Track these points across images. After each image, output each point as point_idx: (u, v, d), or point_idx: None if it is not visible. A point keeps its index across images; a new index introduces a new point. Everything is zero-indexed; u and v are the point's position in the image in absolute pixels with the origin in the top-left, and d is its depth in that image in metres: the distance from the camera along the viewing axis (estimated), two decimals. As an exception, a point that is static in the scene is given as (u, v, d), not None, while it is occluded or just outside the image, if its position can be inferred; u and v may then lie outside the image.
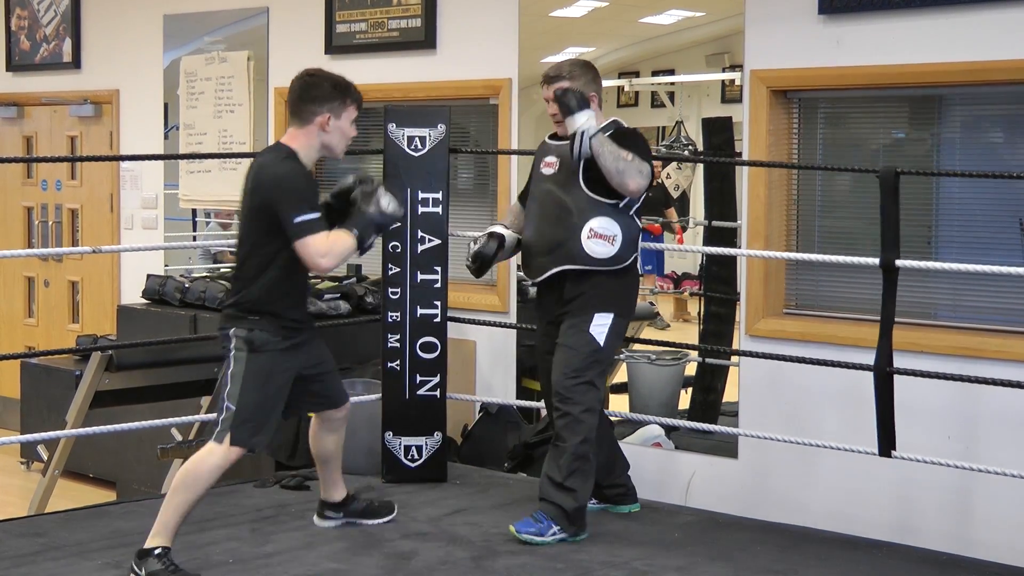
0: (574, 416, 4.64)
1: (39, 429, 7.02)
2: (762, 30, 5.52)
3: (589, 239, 4.68)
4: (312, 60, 7.17)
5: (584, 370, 4.67)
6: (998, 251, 5.12)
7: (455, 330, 6.01)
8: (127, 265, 8.34)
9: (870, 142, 5.57)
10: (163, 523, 4.20)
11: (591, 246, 4.68)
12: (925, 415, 5.04)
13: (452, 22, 6.66)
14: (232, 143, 7.64)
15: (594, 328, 4.69)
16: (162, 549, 4.17)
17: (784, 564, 4.53)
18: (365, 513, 4.89)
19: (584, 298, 4.73)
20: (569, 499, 4.66)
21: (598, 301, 4.71)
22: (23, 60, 8.96)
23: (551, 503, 4.68)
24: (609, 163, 4.59)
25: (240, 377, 4.31)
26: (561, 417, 4.68)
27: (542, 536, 4.64)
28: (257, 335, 4.33)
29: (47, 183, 9.00)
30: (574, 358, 4.68)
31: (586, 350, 4.68)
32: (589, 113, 4.65)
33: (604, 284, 4.71)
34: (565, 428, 4.66)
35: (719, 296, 6.10)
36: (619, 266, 4.72)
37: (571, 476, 4.65)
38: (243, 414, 4.28)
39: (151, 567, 4.15)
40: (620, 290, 4.77)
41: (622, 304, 4.78)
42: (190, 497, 4.22)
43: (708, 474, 5.70)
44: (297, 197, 4.24)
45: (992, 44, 4.93)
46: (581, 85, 4.74)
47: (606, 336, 4.70)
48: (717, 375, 6.10)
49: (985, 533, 4.96)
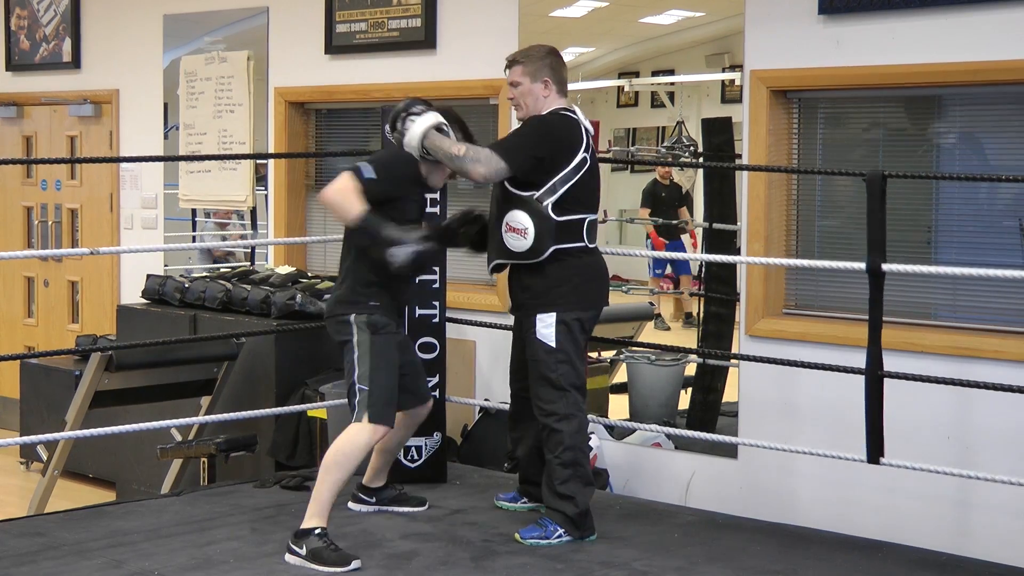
0: (550, 427, 4.68)
1: (39, 429, 7.03)
2: (762, 30, 5.52)
3: (507, 233, 4.70)
4: (312, 60, 7.20)
5: (546, 376, 4.68)
6: (998, 251, 5.12)
7: (454, 330, 6.01)
8: (127, 265, 8.34)
9: (870, 142, 5.57)
10: (319, 504, 4.39)
11: (508, 240, 4.70)
12: (923, 415, 5.04)
13: (452, 22, 6.66)
14: (232, 143, 7.64)
15: (541, 331, 4.68)
16: (321, 529, 4.34)
17: (784, 564, 4.53)
18: (396, 501, 5.07)
19: (520, 298, 4.79)
20: (569, 505, 4.66)
21: (534, 303, 4.72)
22: (23, 60, 8.96)
23: (554, 510, 4.69)
24: (449, 165, 4.70)
25: (368, 358, 4.51)
26: (542, 429, 4.72)
27: (547, 539, 4.64)
28: (378, 318, 4.55)
29: (47, 183, 9.00)
30: (536, 368, 4.72)
31: (541, 355, 4.69)
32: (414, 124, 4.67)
33: (530, 281, 4.72)
34: (546, 441, 4.71)
35: (719, 296, 6.10)
36: (537, 259, 4.67)
37: (565, 483, 4.65)
38: (377, 392, 4.49)
39: (312, 544, 4.33)
40: (552, 284, 4.70)
41: (561, 296, 4.70)
42: (342, 476, 4.42)
43: (708, 474, 5.70)
44: (378, 159, 4.61)
45: (992, 44, 4.93)
46: (535, 69, 4.76)
47: (555, 335, 4.67)
48: (717, 375, 6.10)
49: (983, 531, 4.96)
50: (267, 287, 6.74)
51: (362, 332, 4.54)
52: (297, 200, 7.49)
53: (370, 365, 4.51)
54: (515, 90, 4.81)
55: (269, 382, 6.45)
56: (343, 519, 4.96)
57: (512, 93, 4.83)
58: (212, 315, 6.80)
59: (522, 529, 4.69)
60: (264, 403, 6.32)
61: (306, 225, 7.49)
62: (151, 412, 6.39)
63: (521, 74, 4.77)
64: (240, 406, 6.22)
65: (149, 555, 4.48)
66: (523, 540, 4.65)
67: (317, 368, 6.48)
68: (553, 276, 4.70)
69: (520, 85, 4.78)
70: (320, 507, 4.39)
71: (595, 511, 4.86)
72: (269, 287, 6.74)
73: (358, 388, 4.50)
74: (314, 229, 7.49)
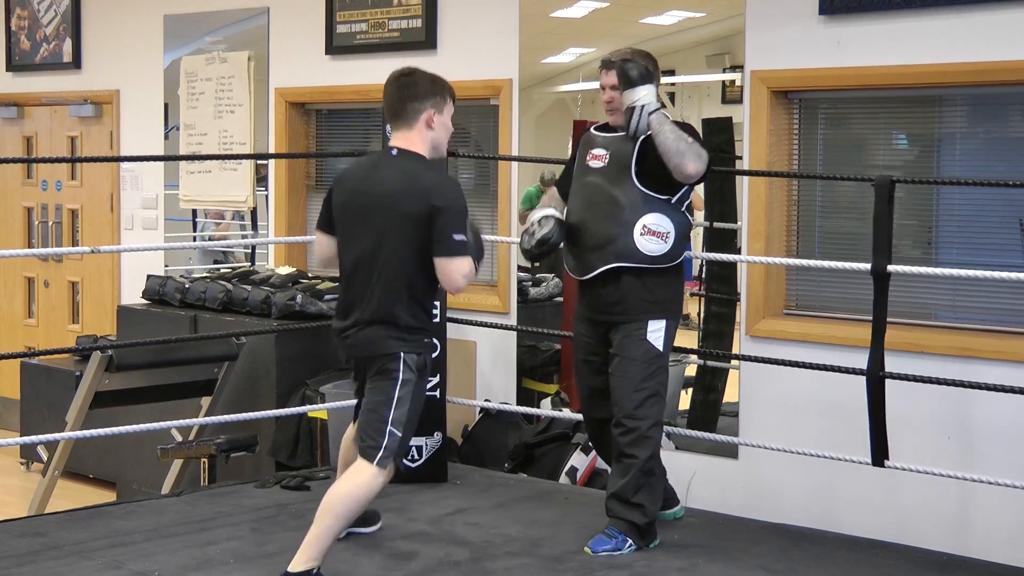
0: (642, 432, 4.51)
1: (39, 429, 7.03)
2: (762, 31, 5.53)
3: (642, 236, 4.51)
4: (312, 61, 7.20)
5: (648, 381, 4.53)
6: (998, 252, 5.12)
7: (455, 330, 6.01)
8: (127, 265, 8.34)
9: (871, 143, 5.58)
10: (320, 547, 4.09)
11: (644, 243, 4.51)
12: (922, 416, 5.04)
13: (452, 22, 6.66)
14: (232, 143, 7.64)
15: (651, 335, 4.54)
16: (317, 570, 4.09)
17: (784, 564, 4.52)
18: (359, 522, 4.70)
19: (635, 303, 4.56)
20: (639, 514, 4.56)
21: (650, 306, 4.56)
22: (23, 60, 8.97)
23: (622, 520, 4.58)
24: (670, 142, 4.39)
25: (408, 404, 4.17)
26: (627, 433, 4.51)
27: (620, 551, 4.54)
28: (427, 359, 4.25)
29: (47, 183, 9.00)
30: (637, 371, 4.52)
31: (647, 360, 4.53)
32: (650, 88, 4.47)
33: (654, 286, 4.56)
34: (632, 444, 4.50)
35: (720, 296, 6.10)
36: (670, 264, 4.57)
37: (639, 492, 4.54)
38: (405, 441, 4.20)
39: None
40: (670, 291, 4.61)
41: (673, 306, 4.63)
42: (348, 522, 4.17)
43: (708, 474, 5.70)
44: (462, 215, 4.15)
45: (992, 44, 4.93)
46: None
47: (663, 341, 4.57)
48: (717, 376, 6.10)
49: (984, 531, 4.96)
50: (268, 287, 6.75)
51: (410, 372, 4.17)
52: (297, 200, 7.50)
53: (408, 412, 4.17)
54: (615, 92, 4.60)
55: (269, 382, 6.45)
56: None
57: (609, 96, 4.62)
58: (213, 315, 6.80)
59: (592, 543, 4.57)
60: (264, 403, 6.33)
61: (306, 225, 7.49)
62: (151, 412, 6.39)
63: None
64: (240, 406, 6.22)
65: (150, 555, 4.48)
66: (595, 553, 4.53)
67: (317, 368, 6.49)
68: (670, 283, 4.60)
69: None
70: (320, 550, 4.11)
71: (595, 511, 4.86)
72: (270, 287, 6.74)
73: (390, 431, 4.14)
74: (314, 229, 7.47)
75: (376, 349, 4.19)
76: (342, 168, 5.25)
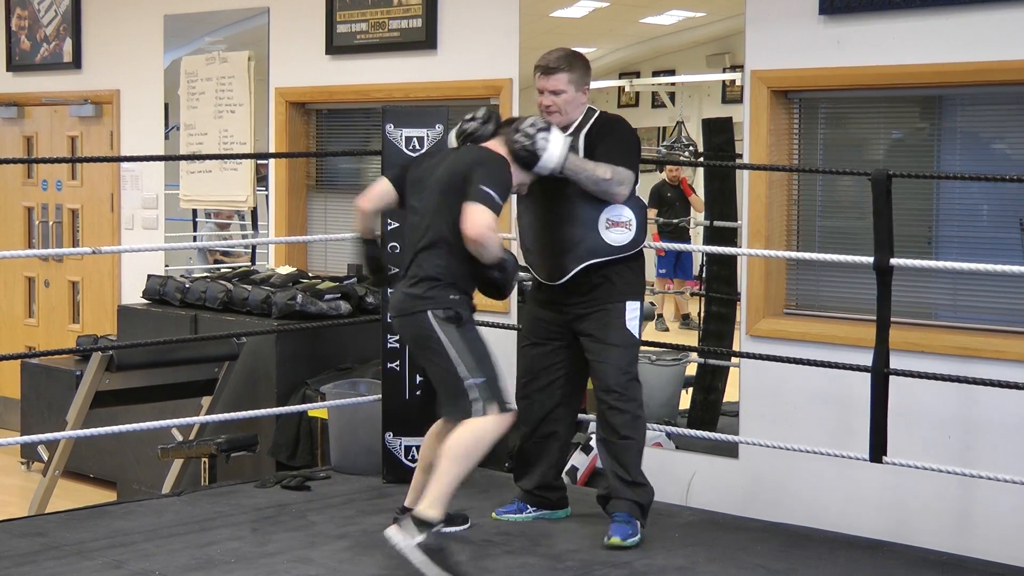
0: (633, 414, 4.69)
1: (39, 429, 7.04)
2: (762, 30, 5.53)
3: (608, 229, 4.66)
4: (313, 60, 7.20)
5: (632, 365, 4.73)
6: (998, 251, 5.12)
7: (455, 330, 6.00)
8: (127, 265, 8.34)
9: (871, 142, 5.58)
10: (444, 494, 4.16)
11: (611, 236, 4.67)
12: (924, 415, 5.04)
13: (453, 22, 6.66)
14: (233, 143, 7.64)
15: (629, 321, 4.71)
16: (440, 524, 4.14)
17: (785, 564, 4.53)
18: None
19: (608, 288, 4.70)
20: (643, 493, 4.71)
21: (624, 290, 4.71)
22: (23, 60, 8.97)
23: (628, 500, 4.68)
24: (590, 184, 4.60)
25: (467, 350, 4.28)
26: (621, 414, 4.67)
27: (638, 535, 4.65)
28: (462, 312, 4.34)
29: (47, 183, 9.00)
30: (622, 356, 4.70)
31: (629, 345, 4.72)
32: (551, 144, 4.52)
33: (625, 271, 4.72)
34: (627, 426, 4.68)
35: (720, 296, 6.10)
36: (636, 249, 4.73)
37: (639, 469, 4.71)
38: (493, 380, 4.29)
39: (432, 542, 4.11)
40: (637, 275, 4.78)
41: (641, 288, 4.82)
42: (470, 467, 4.23)
43: (708, 474, 5.70)
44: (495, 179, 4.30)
45: (992, 44, 4.93)
46: (579, 76, 4.72)
47: (638, 326, 4.75)
48: (718, 375, 6.10)
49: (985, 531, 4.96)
50: (268, 287, 6.74)
51: (447, 324, 4.29)
52: (298, 200, 7.50)
53: (472, 355, 4.27)
54: (556, 98, 4.71)
55: (270, 382, 6.45)
56: (342, 519, 4.97)
57: (550, 100, 4.72)
58: (213, 315, 6.80)
59: (617, 534, 4.61)
60: (265, 403, 6.32)
61: (307, 225, 7.49)
62: (152, 412, 6.39)
63: (567, 82, 4.70)
64: (241, 406, 6.22)
65: (150, 555, 4.48)
66: (624, 542, 4.59)
67: (318, 368, 6.49)
68: (636, 267, 4.78)
69: (564, 93, 4.70)
70: (444, 497, 4.15)
71: (596, 510, 4.86)
72: (270, 287, 6.74)
73: (469, 383, 4.24)
74: (315, 229, 7.49)
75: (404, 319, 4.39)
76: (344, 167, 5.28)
